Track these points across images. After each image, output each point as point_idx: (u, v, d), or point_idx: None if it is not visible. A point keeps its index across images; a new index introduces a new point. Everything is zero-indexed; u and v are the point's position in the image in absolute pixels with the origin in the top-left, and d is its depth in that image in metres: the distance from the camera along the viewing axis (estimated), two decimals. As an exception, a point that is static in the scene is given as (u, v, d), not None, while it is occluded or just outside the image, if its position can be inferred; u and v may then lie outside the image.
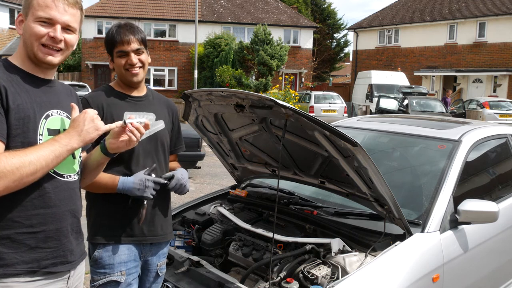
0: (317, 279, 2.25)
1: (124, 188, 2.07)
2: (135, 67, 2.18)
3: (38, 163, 1.45)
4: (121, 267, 2.12)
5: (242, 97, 2.43)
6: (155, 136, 2.24)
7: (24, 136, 1.53)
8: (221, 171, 8.79)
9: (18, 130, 1.51)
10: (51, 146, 1.51)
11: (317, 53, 35.86)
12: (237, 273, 2.59)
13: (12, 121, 1.50)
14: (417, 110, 15.96)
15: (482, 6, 27.42)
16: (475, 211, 2.61)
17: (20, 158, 1.43)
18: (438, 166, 2.95)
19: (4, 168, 1.40)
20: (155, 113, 2.27)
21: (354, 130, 3.62)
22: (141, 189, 2.07)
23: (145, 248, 2.23)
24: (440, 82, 28.68)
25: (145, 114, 2.21)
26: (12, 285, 1.47)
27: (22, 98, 1.54)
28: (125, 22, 2.24)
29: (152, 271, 2.29)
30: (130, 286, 2.16)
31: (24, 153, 1.45)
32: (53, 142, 1.53)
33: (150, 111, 2.25)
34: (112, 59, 2.21)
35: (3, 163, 1.40)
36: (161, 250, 2.32)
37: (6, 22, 26.53)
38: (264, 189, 3.36)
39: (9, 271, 1.46)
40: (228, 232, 2.85)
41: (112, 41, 2.18)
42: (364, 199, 2.60)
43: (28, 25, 1.61)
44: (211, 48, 25.56)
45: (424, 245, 2.46)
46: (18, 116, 1.52)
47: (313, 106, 20.21)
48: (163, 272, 2.35)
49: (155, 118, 2.25)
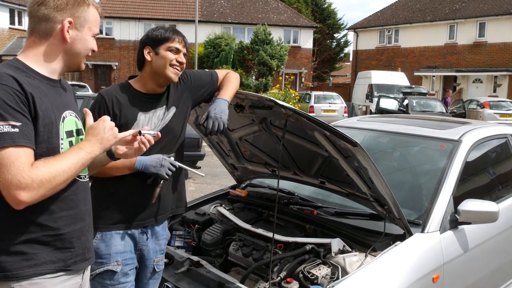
0: (317, 279, 2.25)
1: (141, 165, 2.11)
2: (181, 65, 2.22)
3: (69, 172, 1.52)
4: (117, 257, 2.14)
5: (242, 97, 2.43)
6: (167, 127, 2.23)
7: (49, 142, 1.56)
8: (221, 171, 8.79)
9: (44, 136, 1.53)
10: (78, 154, 1.56)
11: (317, 53, 35.86)
12: (237, 273, 2.59)
13: (40, 127, 1.52)
14: (417, 110, 15.95)
15: (482, 6, 27.41)
16: (475, 211, 2.61)
17: (55, 167, 1.48)
18: (438, 166, 2.95)
19: (43, 177, 1.45)
20: (166, 104, 2.25)
21: (354, 130, 3.62)
22: (157, 167, 2.11)
23: (141, 238, 2.22)
24: (440, 82, 28.67)
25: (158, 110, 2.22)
26: (40, 281, 1.54)
27: (44, 103, 1.56)
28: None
29: (149, 266, 2.29)
30: (127, 276, 2.17)
31: (57, 162, 1.50)
32: (78, 150, 1.58)
33: (162, 105, 2.25)
34: (157, 52, 2.19)
35: (42, 172, 1.45)
36: (159, 246, 2.31)
37: (6, 22, 26.51)
38: (264, 189, 3.36)
39: (39, 270, 1.53)
40: (228, 232, 2.85)
41: (168, 36, 2.20)
42: (364, 199, 2.60)
43: (85, 38, 1.68)
44: (211, 48, 25.56)
45: (424, 245, 2.46)
46: (44, 122, 1.54)
47: (313, 106, 20.20)
48: (160, 269, 2.35)
49: (165, 109, 2.24)
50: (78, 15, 1.66)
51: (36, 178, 1.43)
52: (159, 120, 2.23)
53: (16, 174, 1.41)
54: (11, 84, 1.47)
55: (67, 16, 1.63)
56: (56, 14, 1.62)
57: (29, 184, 1.42)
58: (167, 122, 2.24)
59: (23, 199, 1.42)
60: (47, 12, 1.62)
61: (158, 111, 2.23)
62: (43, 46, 1.64)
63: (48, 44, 1.64)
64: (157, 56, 2.19)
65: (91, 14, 1.70)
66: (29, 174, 1.42)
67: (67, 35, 1.63)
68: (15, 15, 27.28)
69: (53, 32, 1.63)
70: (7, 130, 1.42)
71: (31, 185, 1.42)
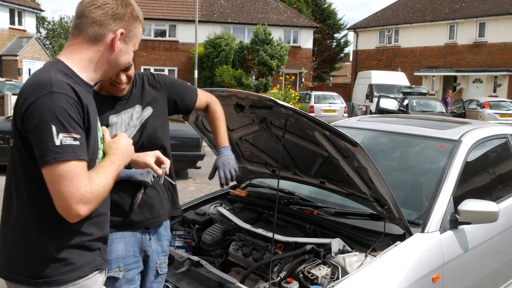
0: (317, 279, 2.25)
1: (125, 174, 2.08)
2: (122, 84, 2.08)
3: (111, 185, 1.55)
4: (118, 262, 2.10)
5: (242, 97, 2.43)
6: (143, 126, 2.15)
7: (94, 153, 1.57)
8: (221, 171, 8.77)
9: (91, 147, 1.53)
10: (113, 167, 1.58)
11: (317, 53, 35.87)
12: (237, 273, 2.59)
13: (91, 139, 1.53)
14: (417, 110, 15.96)
15: (482, 6, 27.42)
16: (475, 211, 2.61)
17: (104, 180, 1.49)
18: (438, 166, 2.95)
19: (98, 191, 1.46)
20: (140, 104, 2.17)
21: (354, 130, 3.62)
22: (143, 174, 2.10)
23: (144, 239, 2.19)
24: (440, 82, 28.68)
25: (129, 110, 2.14)
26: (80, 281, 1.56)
27: (92, 113, 1.55)
28: None
29: (152, 268, 2.26)
30: (131, 282, 2.13)
31: (103, 175, 1.51)
32: (112, 164, 1.59)
33: (134, 104, 2.16)
34: None
35: (98, 186, 1.45)
36: (161, 248, 2.29)
37: (6, 22, 26.51)
38: (264, 189, 3.36)
39: (80, 274, 1.55)
40: (228, 232, 2.85)
41: None
42: (364, 199, 2.60)
43: (128, 52, 1.68)
44: (211, 48, 25.56)
45: (424, 245, 2.46)
46: (93, 134, 1.54)
47: (313, 106, 20.21)
48: (163, 271, 2.32)
49: (141, 109, 2.17)
50: (131, 29, 1.65)
51: (95, 191, 1.44)
52: (136, 119, 2.15)
53: (80, 188, 1.39)
54: (71, 94, 1.44)
55: (121, 27, 1.62)
56: (111, 22, 1.60)
57: (89, 198, 1.42)
58: (143, 121, 2.16)
59: (82, 213, 1.42)
60: (103, 18, 1.59)
61: (130, 112, 2.15)
62: (89, 52, 1.59)
63: (95, 50, 1.60)
64: None
65: (139, 31, 1.70)
66: (91, 188, 1.42)
67: (116, 44, 1.61)
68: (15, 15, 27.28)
69: (103, 39, 1.59)
70: (69, 143, 1.39)
71: (91, 199, 1.42)
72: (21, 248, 1.52)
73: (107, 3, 1.60)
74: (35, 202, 1.49)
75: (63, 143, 1.38)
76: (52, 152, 1.37)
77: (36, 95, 1.41)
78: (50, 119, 1.38)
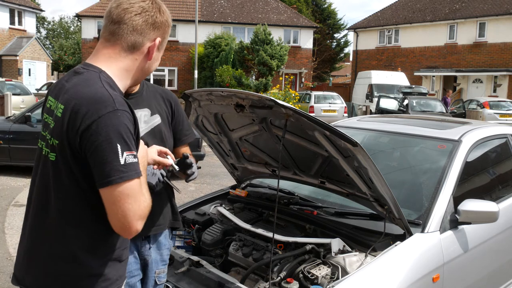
0: (317, 279, 2.25)
1: None
2: None
3: None
4: None
5: (242, 97, 2.43)
6: (153, 131, 2.16)
7: None
8: (221, 171, 8.79)
9: None
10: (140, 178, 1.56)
11: (317, 53, 35.87)
12: (237, 273, 2.59)
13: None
14: (417, 110, 15.96)
15: (482, 6, 27.42)
16: (475, 211, 2.61)
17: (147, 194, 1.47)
18: (438, 166, 2.95)
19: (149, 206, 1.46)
20: (149, 108, 2.17)
21: (354, 130, 3.62)
22: (148, 175, 2.04)
23: (144, 247, 2.16)
24: (440, 82, 28.68)
25: (139, 111, 2.12)
26: None
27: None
28: None
29: (151, 278, 2.21)
30: None
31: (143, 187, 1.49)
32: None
33: (143, 107, 2.16)
34: None
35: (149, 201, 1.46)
36: (160, 256, 2.24)
37: (6, 22, 26.51)
38: (264, 189, 3.36)
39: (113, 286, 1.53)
40: (228, 232, 2.84)
41: None
42: (364, 199, 2.60)
43: (159, 59, 1.66)
44: (211, 48, 25.55)
45: (424, 245, 2.46)
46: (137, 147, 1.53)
47: (313, 106, 20.21)
48: (161, 281, 2.27)
49: (150, 114, 2.17)
50: (165, 36, 1.63)
51: (148, 206, 1.44)
52: (144, 122, 2.13)
53: (141, 205, 1.39)
54: (129, 110, 1.42)
55: (159, 35, 1.58)
56: (151, 31, 1.56)
57: (146, 213, 1.42)
58: (153, 127, 2.16)
59: (139, 228, 1.41)
60: (144, 26, 1.54)
61: (139, 113, 2.12)
62: (127, 60, 1.55)
63: (131, 59, 1.55)
64: None
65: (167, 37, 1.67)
66: (148, 203, 1.43)
67: (152, 53, 1.58)
68: (15, 15, 27.28)
69: (141, 47, 1.55)
70: (132, 161, 1.38)
71: (147, 214, 1.43)
72: (62, 266, 1.47)
73: (146, 10, 1.54)
74: (84, 221, 1.46)
75: (127, 162, 1.36)
76: (118, 171, 1.34)
77: (99, 112, 1.36)
78: (115, 138, 1.35)
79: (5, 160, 8.37)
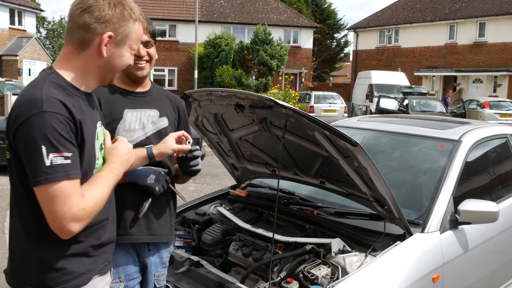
0: (317, 279, 2.25)
1: (135, 174, 2.01)
2: (142, 59, 2.06)
3: (107, 197, 1.53)
4: (119, 273, 2.02)
5: (242, 97, 2.43)
6: (159, 133, 2.14)
7: (89, 164, 1.54)
8: (221, 171, 8.79)
9: (86, 160, 1.50)
10: (111, 178, 1.56)
11: (317, 53, 35.86)
12: (237, 273, 2.59)
13: (85, 154, 1.49)
14: (417, 110, 15.97)
15: (482, 6, 27.42)
16: (475, 211, 2.61)
17: (99, 195, 1.48)
18: (438, 166, 2.95)
19: (92, 207, 1.45)
20: (158, 110, 2.16)
21: (354, 130, 3.62)
22: (151, 179, 2.02)
23: (143, 250, 2.12)
24: (440, 82, 28.68)
25: (148, 111, 2.12)
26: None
27: (88, 126, 1.51)
28: None
29: (150, 281, 2.17)
30: None
31: (98, 188, 1.50)
32: (110, 173, 1.57)
33: (152, 107, 2.15)
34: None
35: (91, 202, 1.45)
36: (160, 259, 2.20)
37: (6, 22, 26.50)
38: (264, 189, 3.36)
39: (80, 281, 1.55)
40: (228, 232, 2.85)
41: None
42: (364, 199, 2.60)
43: (123, 54, 1.59)
44: (211, 48, 25.55)
45: (424, 245, 2.46)
46: (88, 148, 1.51)
47: (313, 106, 20.22)
48: (161, 284, 2.23)
49: (158, 115, 2.15)
50: (121, 31, 1.55)
51: (88, 209, 1.43)
52: (151, 123, 2.12)
53: (72, 207, 1.39)
54: (62, 112, 1.40)
55: (109, 30, 1.52)
56: (97, 25, 1.51)
57: (83, 216, 1.42)
58: (160, 129, 2.13)
59: (74, 230, 1.42)
60: (89, 21, 1.50)
61: (148, 112, 2.12)
62: (80, 59, 1.54)
63: (85, 56, 1.53)
64: None
65: (135, 30, 1.59)
66: (83, 206, 1.42)
67: (104, 49, 1.53)
68: (15, 15, 27.27)
69: (91, 44, 1.52)
70: (60, 162, 1.37)
71: (83, 217, 1.42)
72: (22, 258, 1.52)
73: (92, 5, 1.50)
74: (30, 214, 1.49)
75: (54, 163, 1.37)
76: (43, 173, 1.36)
77: (27, 114, 1.38)
78: (40, 139, 1.36)
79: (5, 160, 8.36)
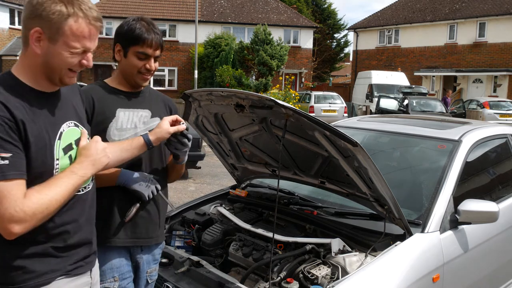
0: (317, 279, 2.25)
1: (125, 178, 2.01)
2: (150, 73, 2.06)
3: (62, 199, 1.49)
4: (113, 272, 2.03)
5: (242, 97, 2.43)
6: None
7: (43, 165, 1.50)
8: (221, 171, 8.79)
9: (37, 161, 1.48)
10: (71, 179, 1.52)
11: (317, 53, 35.86)
12: (237, 273, 2.59)
13: (32, 154, 1.45)
14: (417, 110, 15.96)
15: (482, 6, 27.41)
16: (475, 211, 2.61)
17: (48, 196, 1.45)
18: (438, 166, 2.95)
19: (36, 209, 1.42)
20: (150, 110, 2.16)
21: (354, 130, 3.62)
22: (142, 185, 2.03)
23: (136, 250, 2.14)
24: (440, 82, 28.67)
25: (140, 111, 2.12)
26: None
27: (37, 126, 1.47)
28: (151, 21, 2.06)
29: (143, 278, 2.19)
30: None
31: (50, 190, 1.46)
32: (71, 174, 1.53)
33: (145, 108, 2.15)
34: (125, 54, 2.03)
35: (35, 204, 1.42)
36: (152, 256, 2.22)
37: (6, 22, 26.49)
38: (264, 189, 3.36)
39: (41, 281, 1.53)
40: (228, 232, 2.85)
41: (137, 38, 1.98)
42: (364, 199, 2.60)
43: (58, 52, 1.49)
44: (211, 48, 25.55)
45: (424, 245, 2.46)
46: (37, 147, 1.47)
47: (313, 106, 20.22)
48: (153, 279, 2.26)
49: (150, 115, 2.15)
50: (50, 26, 1.45)
51: (29, 210, 1.40)
52: (143, 123, 2.11)
53: (8, 208, 1.38)
54: (0, 112, 1.39)
55: (37, 25, 1.45)
56: (28, 20, 1.46)
57: (22, 218, 1.39)
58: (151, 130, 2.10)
59: (16, 231, 1.40)
60: (24, 17, 1.47)
61: (141, 113, 2.11)
62: (26, 58, 1.52)
63: (28, 55, 1.50)
64: (125, 59, 2.04)
65: (69, 26, 1.47)
66: (22, 207, 1.39)
67: (35, 46, 1.47)
68: (15, 15, 27.25)
69: (28, 41, 1.48)
70: None
71: (24, 218, 1.40)
72: None
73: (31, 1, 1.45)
74: None
75: None
76: None
77: None
78: None
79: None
